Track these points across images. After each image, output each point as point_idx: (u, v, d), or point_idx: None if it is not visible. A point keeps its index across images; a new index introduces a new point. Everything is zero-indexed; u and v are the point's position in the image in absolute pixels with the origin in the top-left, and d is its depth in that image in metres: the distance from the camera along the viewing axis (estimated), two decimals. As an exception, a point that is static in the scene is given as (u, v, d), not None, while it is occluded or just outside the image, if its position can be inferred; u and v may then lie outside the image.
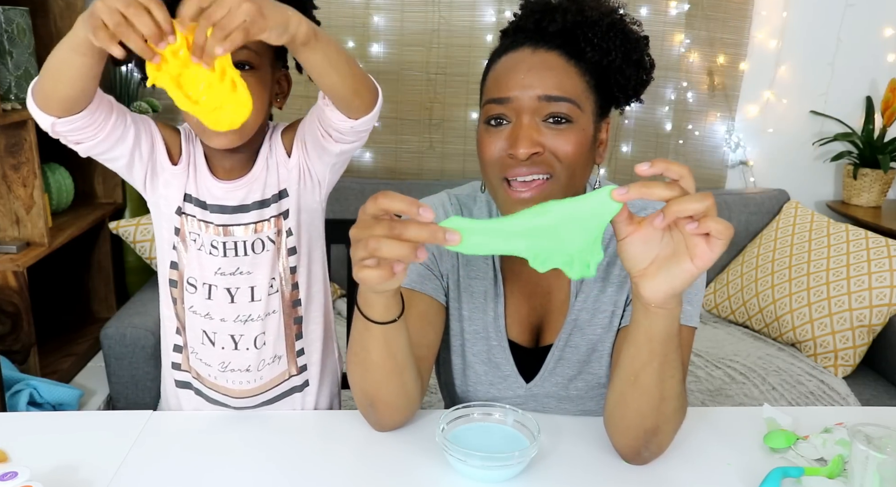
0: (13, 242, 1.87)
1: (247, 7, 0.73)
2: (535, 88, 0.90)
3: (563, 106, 0.90)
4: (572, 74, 0.92)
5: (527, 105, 0.91)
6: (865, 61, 2.56)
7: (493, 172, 0.94)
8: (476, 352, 1.08)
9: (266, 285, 1.07)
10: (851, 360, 2.07)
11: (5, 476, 0.81)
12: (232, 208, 1.04)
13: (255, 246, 1.06)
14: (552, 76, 0.91)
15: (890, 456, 0.81)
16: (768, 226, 2.44)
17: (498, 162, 0.93)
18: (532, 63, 0.92)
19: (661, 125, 2.59)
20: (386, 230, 0.72)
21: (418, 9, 2.43)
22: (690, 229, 0.73)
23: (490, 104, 0.94)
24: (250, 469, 0.93)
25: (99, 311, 2.40)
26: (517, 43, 0.94)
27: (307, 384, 1.15)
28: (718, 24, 2.50)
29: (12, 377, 1.80)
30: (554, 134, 0.91)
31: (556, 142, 0.91)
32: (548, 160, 0.91)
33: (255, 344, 1.08)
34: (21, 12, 1.96)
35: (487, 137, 0.94)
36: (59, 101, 0.88)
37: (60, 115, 0.89)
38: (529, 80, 0.91)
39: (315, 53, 0.85)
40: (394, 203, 0.73)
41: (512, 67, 0.93)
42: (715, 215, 0.72)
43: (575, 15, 0.92)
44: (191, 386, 1.14)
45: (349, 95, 0.92)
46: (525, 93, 0.91)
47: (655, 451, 0.93)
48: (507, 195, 0.93)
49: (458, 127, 2.54)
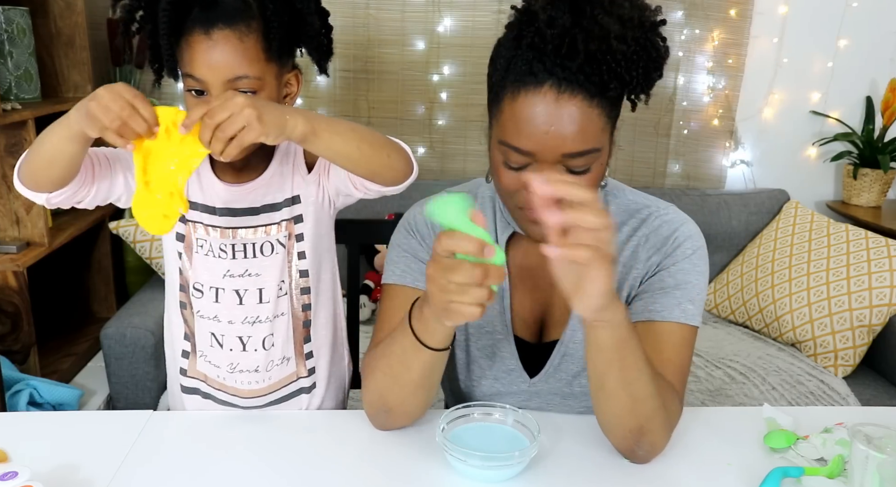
0: (13, 242, 1.87)
1: (248, 112, 0.81)
2: (557, 144, 0.87)
3: (585, 159, 0.89)
4: (594, 118, 0.88)
5: (549, 159, 0.88)
6: (865, 61, 2.56)
7: (509, 200, 0.95)
8: (481, 347, 1.08)
9: (275, 288, 1.07)
10: (851, 360, 2.07)
11: (5, 476, 0.81)
12: (241, 210, 1.04)
13: (265, 249, 1.06)
14: (576, 130, 0.86)
15: (890, 456, 0.81)
16: (768, 226, 2.44)
17: (515, 195, 0.92)
18: (555, 116, 0.86)
19: (661, 125, 2.59)
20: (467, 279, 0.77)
21: (418, 9, 2.43)
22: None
23: (508, 149, 0.89)
24: (250, 469, 0.93)
25: (99, 311, 2.40)
26: (536, 77, 0.86)
27: (315, 386, 1.15)
28: (718, 24, 2.50)
29: (12, 377, 1.80)
30: (573, 177, 0.89)
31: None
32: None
33: (263, 345, 1.08)
34: (21, 12, 1.96)
35: (507, 175, 0.92)
36: (51, 182, 0.94)
37: (53, 190, 0.95)
38: (553, 136, 0.86)
39: (317, 147, 0.90)
40: (460, 244, 0.77)
41: (533, 115, 0.86)
42: (583, 242, 0.74)
43: (598, 42, 0.83)
44: (198, 392, 1.14)
45: (366, 175, 0.97)
46: (548, 149, 0.87)
47: (650, 450, 0.94)
48: (524, 216, 0.94)
49: (458, 127, 2.54)
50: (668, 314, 0.98)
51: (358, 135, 0.93)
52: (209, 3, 0.92)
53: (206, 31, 0.91)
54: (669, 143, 2.61)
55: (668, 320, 0.98)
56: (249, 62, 0.93)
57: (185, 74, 0.95)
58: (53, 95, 2.17)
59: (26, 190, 0.96)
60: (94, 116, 0.82)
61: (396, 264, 1.06)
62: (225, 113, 0.81)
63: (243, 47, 0.93)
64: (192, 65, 0.93)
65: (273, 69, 0.97)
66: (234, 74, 0.93)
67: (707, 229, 2.63)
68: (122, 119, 0.82)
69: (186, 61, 0.94)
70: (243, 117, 0.81)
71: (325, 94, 2.48)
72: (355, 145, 0.92)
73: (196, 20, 0.92)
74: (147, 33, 0.96)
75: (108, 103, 0.81)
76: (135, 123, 0.83)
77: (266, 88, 0.97)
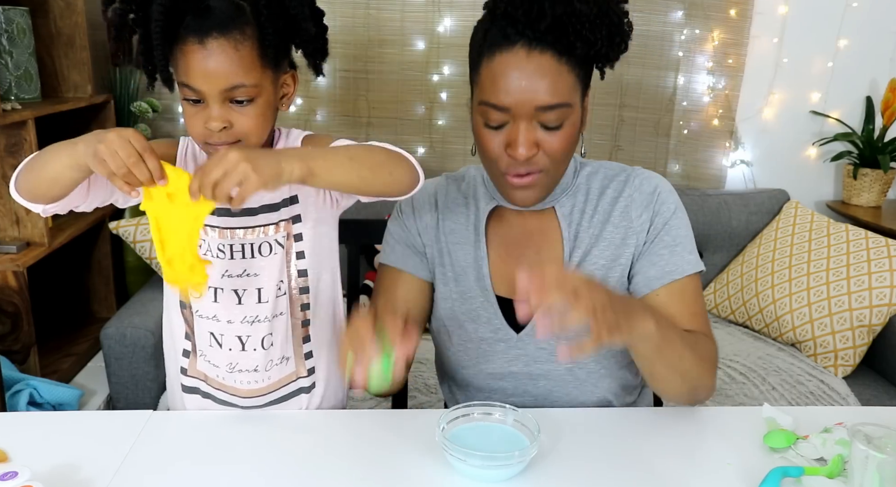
0: (13, 242, 1.88)
1: (242, 168, 0.82)
2: (531, 97, 0.96)
3: (556, 113, 0.97)
4: (564, 74, 0.96)
5: (524, 113, 0.97)
6: (865, 61, 2.56)
7: (492, 165, 1.04)
8: (465, 311, 1.13)
9: (274, 287, 1.07)
10: (851, 360, 2.07)
11: (5, 476, 0.81)
12: (239, 211, 1.03)
13: (263, 249, 1.06)
14: (547, 84, 0.95)
15: (890, 456, 0.81)
16: (768, 226, 2.44)
17: (498, 158, 1.01)
18: (527, 70, 0.95)
19: (661, 125, 2.59)
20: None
21: (418, 9, 2.43)
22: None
23: (488, 108, 0.98)
24: (250, 469, 0.93)
25: (99, 311, 2.40)
26: (509, 39, 0.95)
27: (314, 386, 1.15)
28: (718, 24, 2.50)
29: (12, 377, 1.80)
30: (548, 134, 0.99)
31: (549, 141, 0.99)
32: (541, 159, 1.00)
33: (262, 345, 1.08)
34: (21, 12, 1.96)
35: (487, 136, 1.01)
36: (51, 198, 0.96)
37: (51, 202, 0.96)
38: (525, 89, 0.95)
39: (318, 184, 0.92)
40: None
41: (507, 71, 0.96)
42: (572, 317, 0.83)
43: (564, 6, 0.93)
44: (198, 391, 1.13)
45: (373, 195, 0.99)
46: (522, 101, 0.96)
47: (706, 395, 1.08)
48: (507, 183, 1.03)
49: (458, 127, 2.54)
50: (682, 270, 1.08)
51: (357, 163, 0.93)
52: (202, 11, 0.91)
53: (200, 40, 0.90)
54: (669, 143, 2.61)
55: (684, 275, 1.08)
56: (246, 71, 0.93)
57: (180, 84, 0.95)
58: (53, 95, 2.17)
59: (23, 200, 0.97)
60: (101, 159, 0.83)
61: (391, 248, 1.18)
62: (219, 171, 0.82)
63: (239, 56, 0.92)
64: (188, 75, 0.92)
65: (269, 75, 0.97)
66: (231, 83, 0.92)
67: (707, 229, 2.63)
68: (127, 168, 0.83)
69: (182, 71, 0.93)
70: (238, 173, 0.82)
71: (325, 94, 2.48)
72: (355, 175, 0.93)
73: (189, 28, 0.91)
74: (139, 37, 0.95)
75: (117, 148, 0.82)
76: (139, 172, 0.84)
77: (263, 94, 0.96)
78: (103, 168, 0.84)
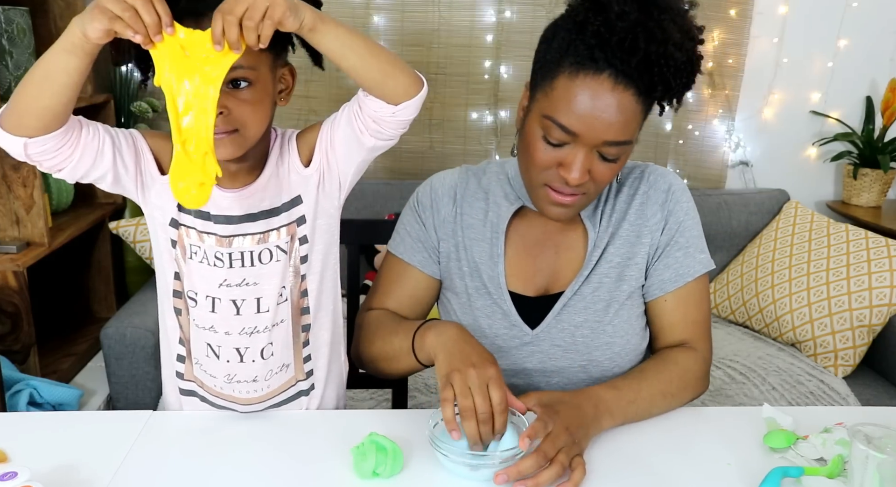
0: (13, 242, 1.87)
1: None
2: (603, 131, 0.95)
3: (620, 149, 0.98)
4: (638, 114, 0.97)
5: (590, 143, 0.96)
6: (865, 61, 2.56)
7: (537, 175, 1.02)
8: (480, 307, 1.14)
9: (275, 295, 1.04)
10: (851, 360, 2.07)
11: (5, 476, 0.81)
12: (238, 218, 1.00)
13: (262, 256, 1.03)
14: (622, 121, 0.95)
15: (890, 456, 0.81)
16: (768, 226, 2.44)
17: (545, 171, 1.01)
18: (608, 104, 0.94)
19: (661, 125, 2.59)
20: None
21: (418, 9, 2.43)
22: None
23: (553, 125, 0.97)
24: (250, 469, 0.93)
25: (99, 311, 2.40)
26: (597, 64, 0.93)
27: (313, 388, 1.14)
28: (718, 24, 2.50)
29: (12, 377, 1.80)
30: (603, 164, 0.99)
31: (601, 170, 0.99)
32: (588, 185, 1.01)
33: (261, 355, 1.06)
34: (21, 12, 1.96)
35: (542, 148, 1.00)
36: (38, 114, 0.86)
37: (34, 134, 0.86)
38: (601, 121, 0.94)
39: (325, 37, 0.87)
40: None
41: (588, 98, 0.94)
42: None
43: (658, 45, 0.91)
44: (195, 394, 1.12)
45: (378, 77, 0.91)
46: (593, 133, 0.95)
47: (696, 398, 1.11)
48: (547, 196, 1.03)
49: (458, 127, 2.54)
50: (695, 270, 1.10)
51: (361, 39, 0.90)
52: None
53: (196, 20, 0.87)
54: (669, 143, 2.61)
55: (695, 276, 1.10)
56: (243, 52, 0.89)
57: None
58: (53, 95, 2.17)
59: (4, 135, 0.87)
60: (104, 7, 0.78)
61: (402, 238, 1.19)
62: (241, 6, 0.80)
63: None
64: None
65: (267, 60, 0.95)
66: None
67: (707, 229, 2.63)
68: (133, 8, 0.78)
69: None
70: (262, 0, 0.79)
71: (325, 93, 2.47)
72: (361, 39, 0.90)
73: (185, 11, 0.88)
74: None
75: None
76: (146, 13, 0.78)
77: (261, 79, 0.94)
78: (105, 15, 0.78)
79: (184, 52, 0.83)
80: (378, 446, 0.90)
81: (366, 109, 0.95)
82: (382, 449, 0.90)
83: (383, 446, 0.90)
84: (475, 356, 0.94)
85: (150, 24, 0.79)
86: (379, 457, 0.89)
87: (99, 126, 0.95)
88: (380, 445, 0.90)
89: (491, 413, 0.89)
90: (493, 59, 2.49)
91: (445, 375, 0.93)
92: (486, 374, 0.91)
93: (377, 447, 0.90)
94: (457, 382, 0.91)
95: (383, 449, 0.90)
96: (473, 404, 0.89)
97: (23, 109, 0.85)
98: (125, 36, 0.79)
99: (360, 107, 0.96)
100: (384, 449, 0.90)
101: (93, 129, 0.94)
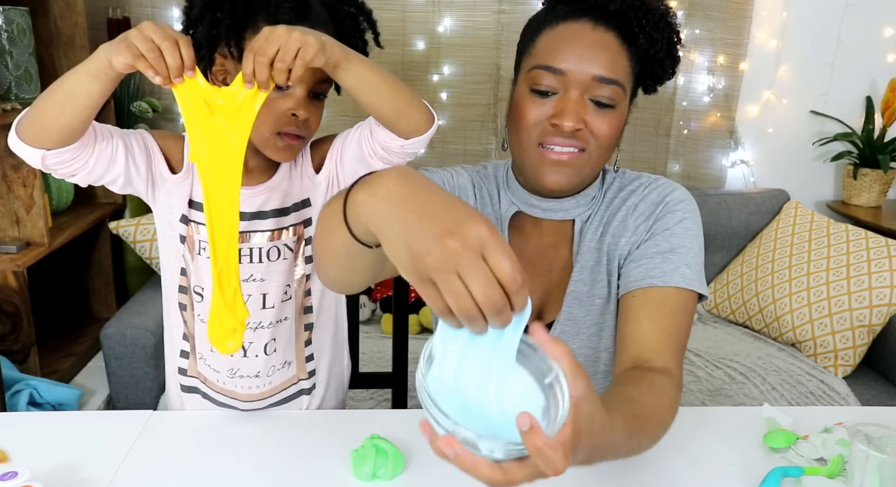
0: (13, 242, 1.87)
1: (296, 36, 0.80)
2: (590, 66, 0.94)
3: (611, 90, 0.95)
4: (624, 58, 0.96)
5: (580, 81, 0.95)
6: (865, 61, 2.56)
7: (529, 136, 0.98)
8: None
9: (280, 292, 1.05)
10: (851, 360, 2.07)
11: (5, 476, 0.81)
12: (249, 215, 1.02)
13: (271, 254, 1.04)
14: (608, 57, 0.94)
15: (890, 456, 0.81)
16: (768, 226, 2.44)
17: (537, 127, 0.97)
18: (591, 40, 0.94)
19: (661, 125, 2.59)
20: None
21: (418, 9, 2.43)
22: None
23: (541, 71, 0.96)
24: (250, 469, 0.93)
25: (99, 311, 2.40)
26: (576, 13, 0.95)
27: (315, 388, 1.15)
28: (718, 24, 2.50)
29: (12, 377, 1.80)
30: (597, 114, 0.96)
31: (597, 122, 0.96)
32: (585, 136, 0.96)
33: (264, 351, 1.07)
34: (21, 12, 1.96)
35: (531, 103, 0.97)
36: (58, 130, 0.87)
37: (53, 146, 0.88)
38: (587, 57, 0.94)
39: (348, 74, 0.89)
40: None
41: (570, 38, 0.95)
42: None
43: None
44: (197, 391, 1.13)
45: (392, 115, 0.94)
46: (580, 69, 0.94)
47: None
48: (542, 156, 0.97)
49: (458, 127, 2.54)
50: (667, 278, 0.96)
51: (383, 76, 0.93)
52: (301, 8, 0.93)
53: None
54: (669, 143, 2.61)
55: (668, 284, 0.96)
56: None
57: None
58: (53, 95, 2.17)
59: (22, 145, 0.89)
60: (130, 43, 0.79)
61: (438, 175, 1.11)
62: (273, 46, 0.81)
63: None
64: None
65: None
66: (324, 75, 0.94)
67: (707, 229, 2.63)
68: (158, 50, 0.80)
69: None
70: (294, 41, 0.80)
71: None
72: (382, 78, 0.92)
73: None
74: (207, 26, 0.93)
75: (151, 33, 0.80)
76: (170, 56, 0.80)
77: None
78: (130, 51, 0.79)
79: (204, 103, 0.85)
80: (378, 449, 0.90)
81: (376, 136, 0.98)
82: (383, 452, 0.90)
83: (383, 449, 0.90)
84: (446, 215, 0.60)
85: (173, 67, 0.81)
86: (378, 460, 0.89)
87: (112, 132, 0.97)
88: (380, 448, 0.90)
89: (506, 299, 0.59)
90: (493, 59, 2.49)
91: (411, 267, 0.60)
92: (475, 238, 0.58)
93: (377, 450, 0.90)
94: (437, 274, 0.58)
95: (383, 452, 0.90)
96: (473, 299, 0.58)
97: (43, 125, 0.88)
98: (146, 75, 0.81)
99: (371, 133, 0.99)
100: (384, 452, 0.90)
101: (106, 136, 0.96)
